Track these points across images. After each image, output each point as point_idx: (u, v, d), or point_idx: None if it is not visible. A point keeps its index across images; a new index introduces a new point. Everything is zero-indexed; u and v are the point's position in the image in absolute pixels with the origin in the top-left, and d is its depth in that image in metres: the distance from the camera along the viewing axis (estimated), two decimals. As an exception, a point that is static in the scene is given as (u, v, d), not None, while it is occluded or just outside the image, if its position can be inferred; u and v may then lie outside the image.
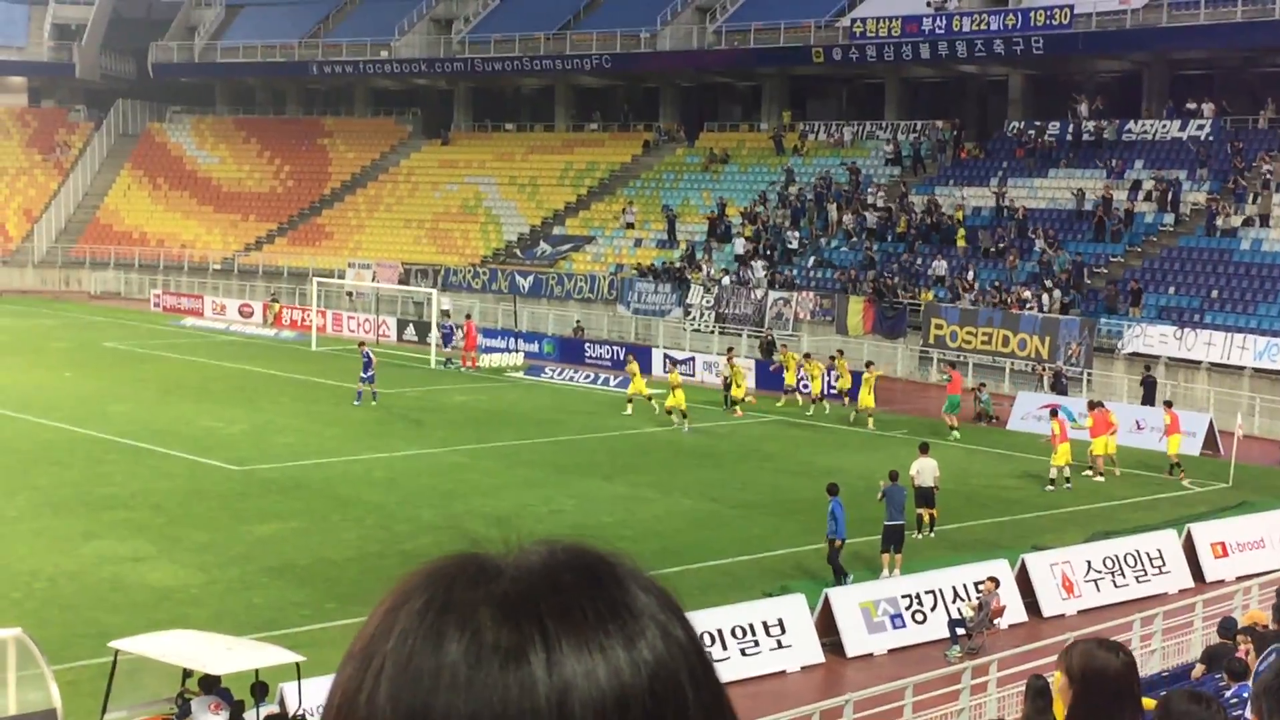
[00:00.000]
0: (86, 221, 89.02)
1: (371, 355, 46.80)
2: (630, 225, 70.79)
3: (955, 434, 42.54)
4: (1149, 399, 46.16)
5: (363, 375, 46.25)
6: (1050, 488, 36.56)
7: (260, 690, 18.71)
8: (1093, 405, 39.65)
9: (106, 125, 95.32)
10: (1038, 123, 66.26)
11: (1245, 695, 12.69)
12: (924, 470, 30.68)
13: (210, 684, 18.44)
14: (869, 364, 47.50)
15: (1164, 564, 28.35)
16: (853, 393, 46.16)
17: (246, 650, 19.24)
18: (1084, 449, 38.10)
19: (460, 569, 1.39)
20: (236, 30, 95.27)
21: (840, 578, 26.46)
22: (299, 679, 18.72)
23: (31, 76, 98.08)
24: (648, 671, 1.31)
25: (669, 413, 43.47)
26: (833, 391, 47.62)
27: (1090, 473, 37.94)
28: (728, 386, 47.84)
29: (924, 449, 31.72)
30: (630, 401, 46.20)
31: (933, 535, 30.66)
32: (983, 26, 64.81)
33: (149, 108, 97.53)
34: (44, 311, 74.17)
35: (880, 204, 64.25)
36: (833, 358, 49.43)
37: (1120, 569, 27.74)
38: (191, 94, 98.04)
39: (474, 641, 1.31)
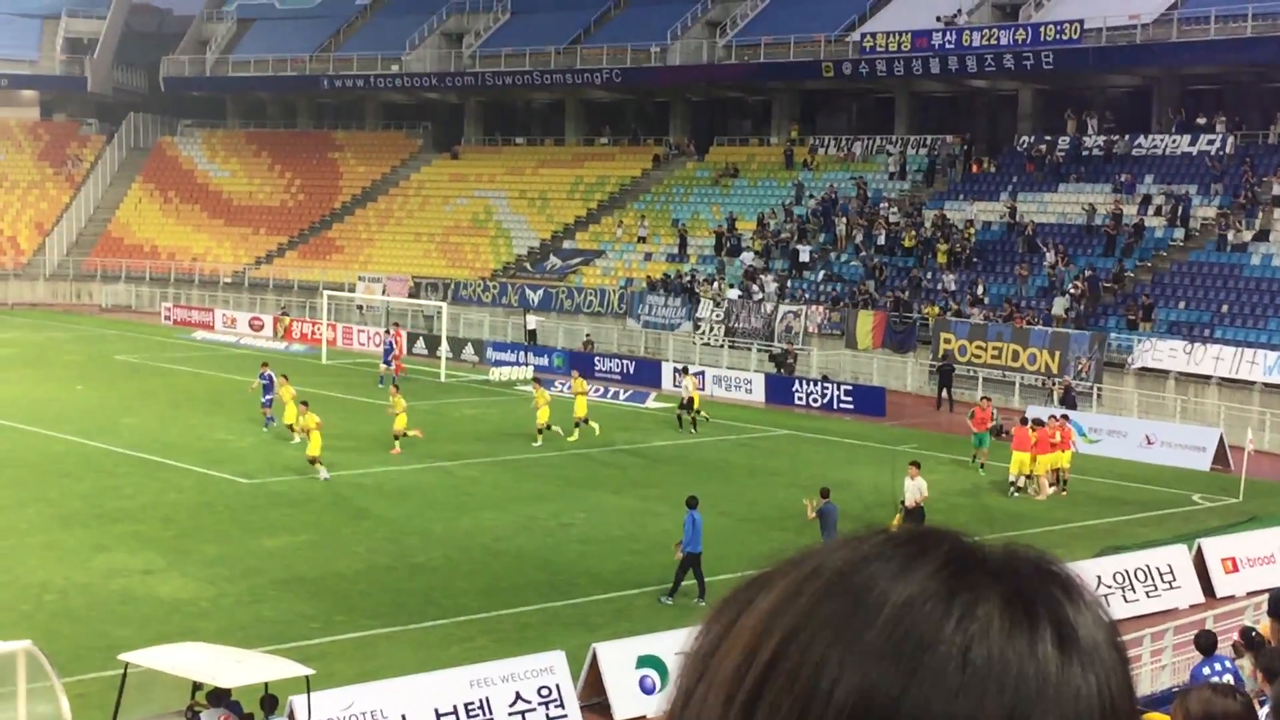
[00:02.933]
0: (98, 235, 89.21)
1: (273, 376, 43.78)
2: (642, 239, 70.84)
3: (982, 472, 40.34)
4: (945, 385, 51.28)
5: (264, 399, 43.54)
6: (1016, 494, 37.00)
7: (270, 703, 18.70)
8: (1025, 422, 38.39)
9: (118, 138, 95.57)
10: (1048, 137, 66.26)
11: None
12: (917, 488, 30.46)
13: (220, 697, 18.42)
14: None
15: (1174, 579, 28.29)
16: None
17: (256, 663, 19.23)
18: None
19: (976, 557, 1.29)
20: (248, 44, 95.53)
21: (673, 593, 26.33)
22: (309, 692, 18.71)
23: (44, 90, 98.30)
24: (1129, 692, 1.29)
25: (312, 462, 37.01)
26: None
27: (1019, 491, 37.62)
28: (685, 406, 46.08)
29: (916, 466, 31.39)
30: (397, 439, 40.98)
31: None
32: (993, 41, 64.83)
33: (160, 121, 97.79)
34: (55, 324, 74.31)
35: (890, 218, 64.25)
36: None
37: (1130, 584, 27.68)
38: (203, 107, 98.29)
39: (1054, 639, 1.24)
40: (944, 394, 51.77)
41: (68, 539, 30.34)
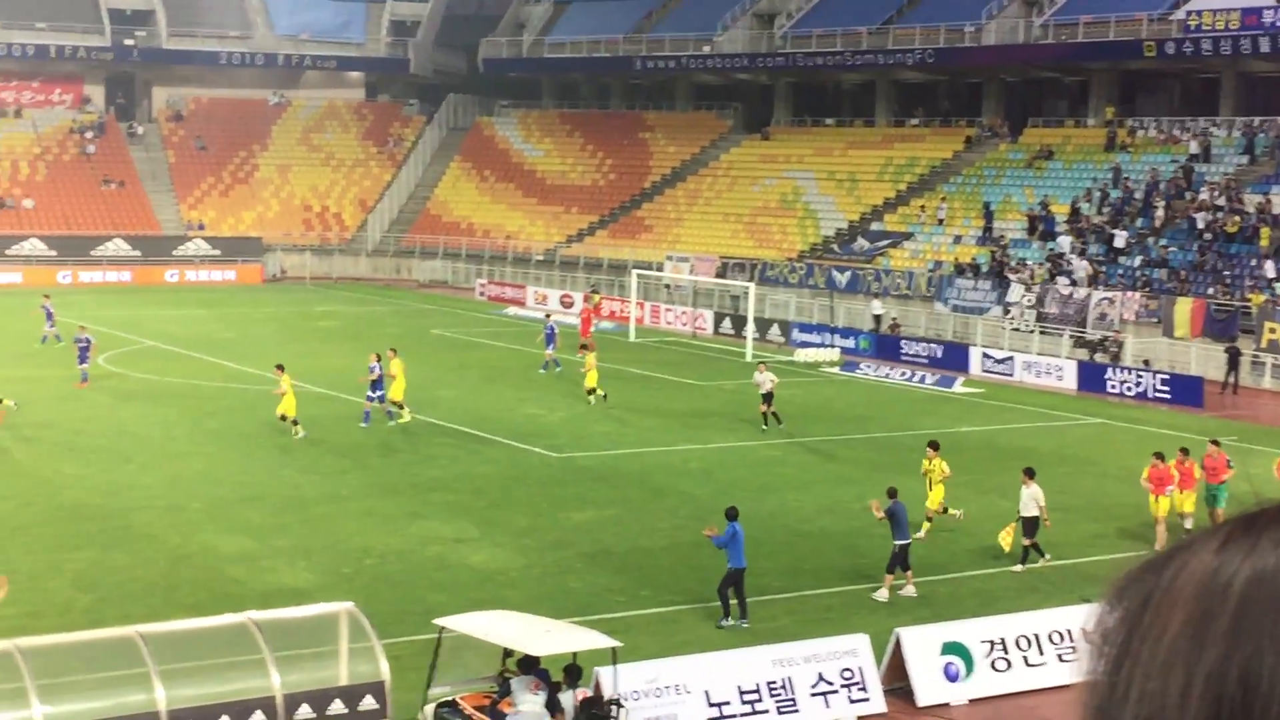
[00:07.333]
0: (417, 212, 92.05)
1: (379, 368, 40.90)
2: (941, 221, 69.88)
3: None
4: (1232, 368, 51.01)
5: (370, 394, 40.81)
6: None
7: (574, 673, 19.06)
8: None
9: (437, 119, 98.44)
10: (1386, 119, 63.10)
11: None
12: (1031, 498, 28.26)
13: (529, 664, 18.86)
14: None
15: None
16: None
17: (564, 633, 19.64)
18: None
19: None
20: (563, 26, 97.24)
21: (727, 612, 24.11)
22: (614, 664, 19.01)
23: (369, 72, 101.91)
24: None
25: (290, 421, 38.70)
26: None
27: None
28: (768, 400, 41.51)
29: (1029, 474, 28.70)
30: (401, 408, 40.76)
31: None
32: (1328, 18, 61.98)
33: (478, 102, 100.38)
34: (376, 299, 76.98)
35: (1213, 202, 62.05)
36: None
37: None
38: (519, 89, 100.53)
39: None
40: (1230, 378, 51.18)
41: (386, 506, 31.46)
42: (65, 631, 20.16)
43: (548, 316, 58.15)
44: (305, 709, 18.08)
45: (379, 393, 40.63)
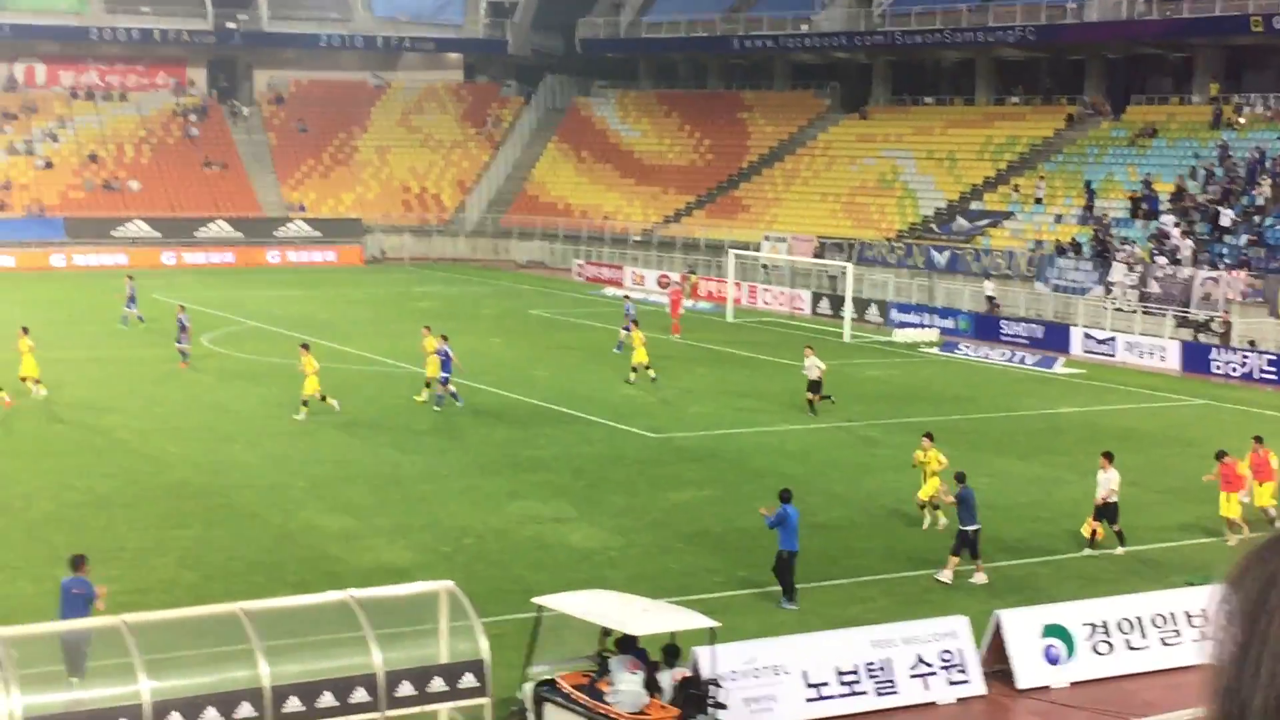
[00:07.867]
0: (515, 193, 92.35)
1: (449, 352, 40.61)
2: (1040, 200, 69.13)
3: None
4: None
5: (441, 376, 40.34)
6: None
7: (672, 653, 19.07)
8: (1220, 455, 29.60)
9: (535, 100, 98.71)
10: None
11: None
12: (1107, 482, 27.69)
13: (628, 644, 18.90)
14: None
15: None
16: None
17: (663, 613, 19.66)
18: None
19: None
20: (661, 6, 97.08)
21: (789, 594, 23.96)
22: (713, 644, 19.01)
23: (467, 53, 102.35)
24: None
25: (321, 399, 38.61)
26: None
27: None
28: (813, 387, 40.75)
29: (1109, 458, 28.19)
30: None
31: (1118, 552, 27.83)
32: None
33: (575, 82, 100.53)
34: (474, 279, 77.37)
35: (1321, 180, 60.94)
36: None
37: None
38: (616, 69, 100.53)
39: None
40: None
41: (485, 485, 31.64)
42: (171, 608, 20.47)
43: (626, 297, 58.37)
44: (406, 686, 18.21)
45: (446, 373, 40.35)
